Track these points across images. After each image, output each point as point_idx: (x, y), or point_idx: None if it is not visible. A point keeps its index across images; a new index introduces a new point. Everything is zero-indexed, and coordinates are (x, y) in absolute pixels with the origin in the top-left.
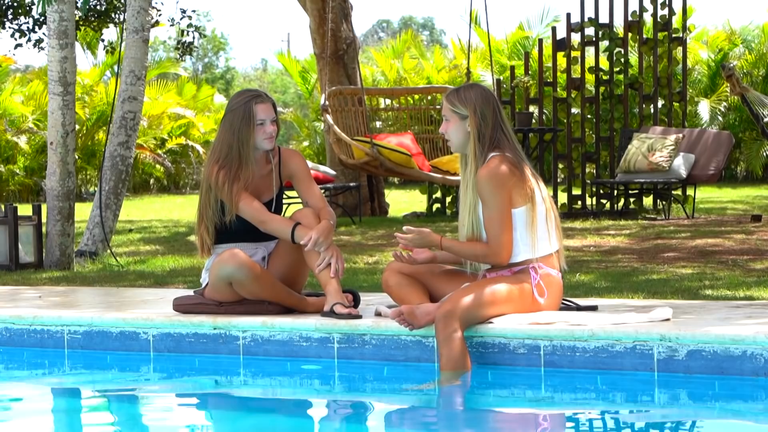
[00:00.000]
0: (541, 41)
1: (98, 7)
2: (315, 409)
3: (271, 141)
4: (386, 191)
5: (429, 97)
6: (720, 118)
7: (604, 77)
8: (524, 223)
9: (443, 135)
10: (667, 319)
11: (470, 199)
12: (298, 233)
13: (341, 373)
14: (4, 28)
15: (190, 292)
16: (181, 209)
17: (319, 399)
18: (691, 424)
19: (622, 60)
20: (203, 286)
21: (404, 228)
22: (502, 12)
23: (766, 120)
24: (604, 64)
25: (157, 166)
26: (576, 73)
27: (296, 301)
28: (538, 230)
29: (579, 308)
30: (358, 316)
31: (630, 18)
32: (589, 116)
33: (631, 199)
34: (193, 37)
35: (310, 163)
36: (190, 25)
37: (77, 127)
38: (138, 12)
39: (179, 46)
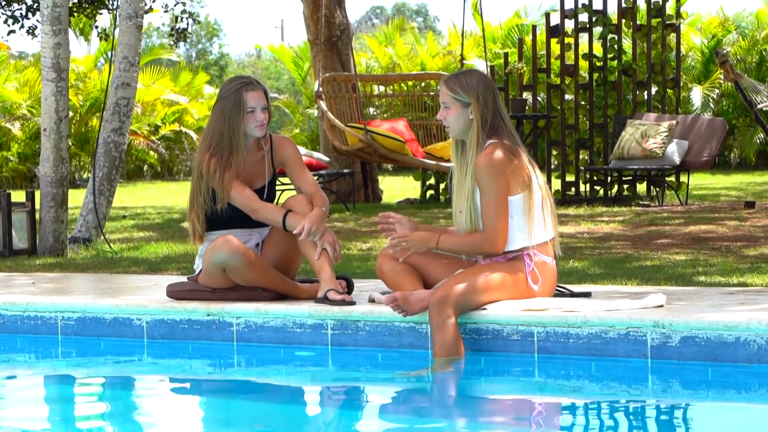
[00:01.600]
0: (534, 28)
1: None
2: (308, 396)
3: (262, 128)
4: (380, 178)
5: (423, 84)
6: (713, 104)
7: (598, 64)
8: (521, 211)
9: (441, 122)
10: (661, 306)
11: (468, 185)
12: (289, 221)
13: (335, 359)
14: None
15: (184, 279)
16: (174, 196)
17: (312, 385)
18: (685, 411)
19: (616, 46)
20: (197, 272)
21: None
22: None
23: (759, 106)
24: (597, 50)
25: (151, 152)
26: (570, 59)
27: (290, 288)
28: (535, 217)
29: (573, 295)
30: (352, 303)
31: (624, 4)
32: (582, 103)
33: (625, 186)
34: (187, 24)
35: (303, 150)
36: (183, 12)
37: (71, 113)
38: None
39: (173, 32)
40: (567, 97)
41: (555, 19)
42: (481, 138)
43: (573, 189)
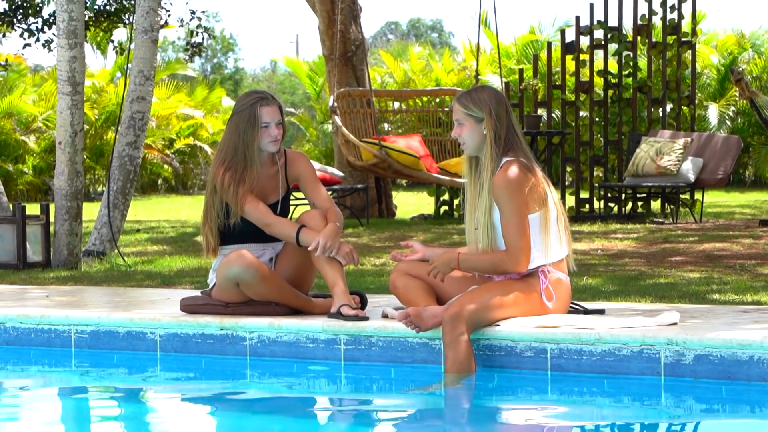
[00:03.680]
0: (549, 44)
1: (108, 8)
2: (321, 411)
3: (276, 144)
4: (394, 193)
5: (437, 100)
6: (728, 122)
7: (613, 80)
8: (538, 228)
9: (456, 139)
10: (675, 324)
11: (486, 202)
12: (302, 236)
13: (347, 374)
14: (13, 28)
15: (197, 293)
16: (188, 209)
17: (325, 400)
18: (698, 429)
19: (631, 63)
20: (210, 286)
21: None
22: (512, 16)
23: None
24: (612, 67)
25: (165, 166)
26: (585, 76)
27: (303, 303)
28: (551, 234)
29: (586, 312)
30: (365, 318)
31: (639, 21)
32: (597, 119)
33: (639, 203)
34: (203, 38)
35: (317, 165)
36: (199, 26)
37: (86, 127)
38: (147, 12)
39: (188, 46)
40: (582, 113)
41: (570, 36)
42: (495, 153)
43: (587, 206)
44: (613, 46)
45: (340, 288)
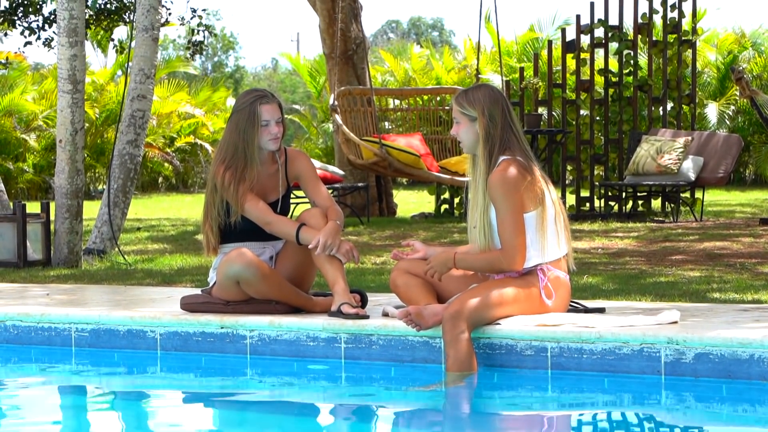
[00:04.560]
0: (550, 43)
1: (108, 6)
2: (321, 410)
3: (276, 142)
4: (394, 192)
5: (438, 98)
6: (729, 121)
7: (614, 79)
8: (534, 227)
9: (455, 136)
10: (675, 322)
11: (481, 202)
12: (302, 235)
13: (348, 373)
14: (14, 26)
15: (198, 291)
16: (189, 208)
17: (325, 399)
18: (698, 428)
19: (632, 62)
20: (211, 285)
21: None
22: (513, 14)
23: None
24: (613, 66)
25: (166, 164)
26: (585, 74)
27: (303, 301)
28: (548, 233)
29: (586, 310)
30: (366, 317)
31: (640, 20)
32: (597, 118)
33: (640, 202)
34: (203, 36)
35: (318, 163)
36: (200, 24)
37: (86, 125)
38: (148, 10)
39: (189, 45)
40: (582, 112)
41: (571, 34)
42: (486, 152)
43: (588, 204)
44: (613, 45)
45: (341, 286)
